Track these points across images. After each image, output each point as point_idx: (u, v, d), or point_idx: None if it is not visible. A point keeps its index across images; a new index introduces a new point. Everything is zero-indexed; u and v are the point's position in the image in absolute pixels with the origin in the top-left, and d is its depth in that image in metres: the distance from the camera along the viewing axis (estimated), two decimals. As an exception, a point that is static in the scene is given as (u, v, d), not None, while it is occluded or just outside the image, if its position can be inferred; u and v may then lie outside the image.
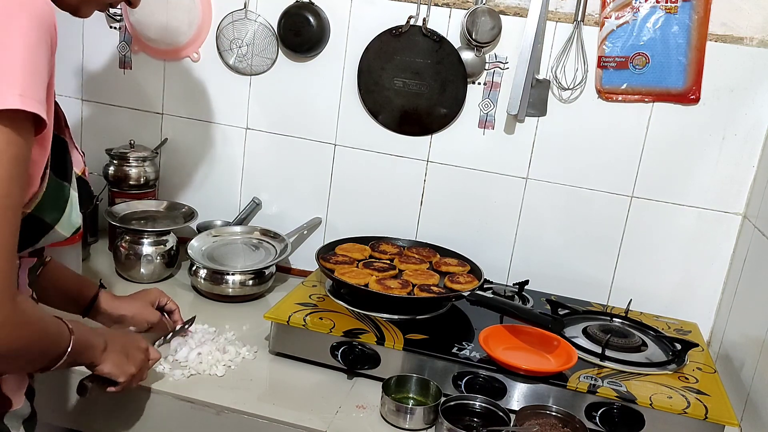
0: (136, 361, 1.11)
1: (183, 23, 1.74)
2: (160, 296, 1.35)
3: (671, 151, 1.58)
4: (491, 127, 1.66)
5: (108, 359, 1.05)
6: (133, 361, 1.10)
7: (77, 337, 0.95)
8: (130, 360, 1.10)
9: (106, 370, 1.05)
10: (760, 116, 1.52)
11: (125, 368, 1.08)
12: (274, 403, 1.22)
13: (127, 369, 1.08)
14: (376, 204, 1.77)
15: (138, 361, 1.11)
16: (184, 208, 1.78)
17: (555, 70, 1.58)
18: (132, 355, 1.10)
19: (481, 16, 1.57)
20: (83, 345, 0.98)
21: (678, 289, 1.64)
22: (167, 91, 1.84)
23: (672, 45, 1.51)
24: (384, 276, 1.48)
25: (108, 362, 1.05)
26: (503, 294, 1.60)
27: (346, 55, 1.70)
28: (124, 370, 1.08)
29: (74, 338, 0.94)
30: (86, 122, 1.91)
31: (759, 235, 1.45)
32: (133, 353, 1.11)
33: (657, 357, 1.38)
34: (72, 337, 0.94)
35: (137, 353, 1.12)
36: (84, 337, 0.98)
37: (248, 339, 1.42)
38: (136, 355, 1.12)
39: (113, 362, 1.06)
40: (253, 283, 1.62)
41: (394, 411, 1.19)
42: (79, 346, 0.96)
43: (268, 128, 1.80)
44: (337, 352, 1.32)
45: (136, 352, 1.12)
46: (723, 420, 1.17)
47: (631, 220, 1.63)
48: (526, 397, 1.24)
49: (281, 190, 1.83)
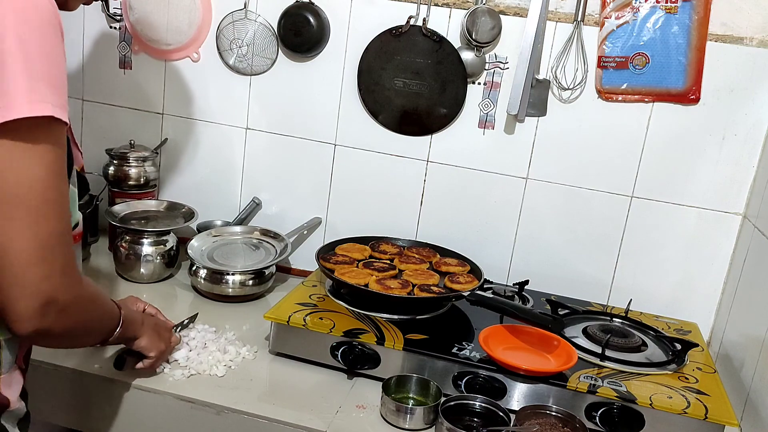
0: (165, 339, 1.24)
1: (183, 23, 1.74)
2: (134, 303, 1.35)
3: (671, 151, 1.58)
4: (491, 127, 1.66)
5: (145, 334, 1.18)
6: (163, 339, 1.23)
7: (125, 313, 1.09)
8: (161, 338, 1.23)
9: (143, 343, 1.18)
10: (760, 116, 1.52)
11: (158, 344, 1.21)
12: (274, 403, 1.22)
13: (158, 345, 1.21)
14: (376, 204, 1.77)
15: (166, 339, 1.25)
16: (184, 208, 1.78)
17: (555, 70, 1.58)
18: (162, 334, 1.24)
19: (481, 16, 1.57)
20: (129, 320, 1.12)
21: (678, 289, 1.64)
22: (167, 91, 1.84)
23: (672, 45, 1.51)
24: (384, 276, 1.48)
25: (145, 336, 1.18)
26: (503, 294, 1.60)
27: (346, 55, 1.70)
28: (156, 346, 1.21)
29: (123, 313, 1.08)
30: (86, 122, 1.91)
31: (759, 235, 1.45)
32: (162, 332, 1.24)
33: (657, 357, 1.38)
34: (122, 312, 1.08)
35: (166, 333, 1.25)
36: (129, 312, 1.12)
37: (248, 339, 1.42)
38: (165, 334, 1.25)
39: (149, 337, 1.19)
40: (253, 283, 1.62)
41: (394, 411, 1.19)
42: (127, 321, 1.10)
43: (268, 128, 1.80)
44: (337, 352, 1.32)
45: (164, 331, 1.25)
46: (723, 420, 1.17)
47: (631, 220, 1.63)
48: (526, 397, 1.24)
49: (281, 190, 1.83)
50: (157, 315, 1.38)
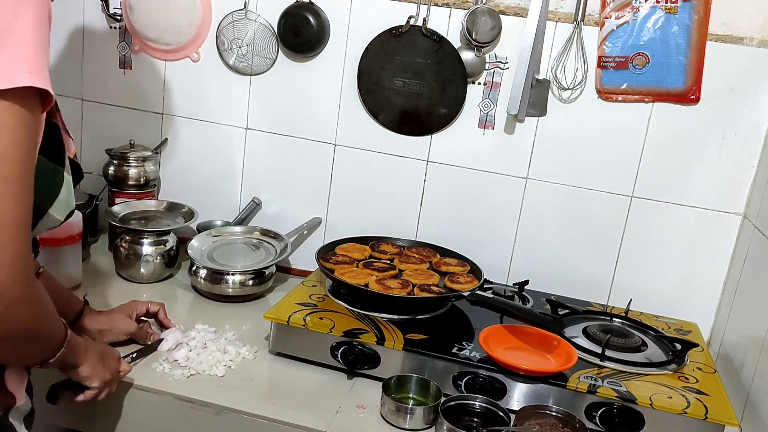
0: (111, 368, 1.11)
1: (183, 23, 1.74)
2: (136, 307, 1.36)
3: (671, 151, 1.58)
4: (491, 127, 1.66)
5: (87, 362, 1.05)
6: (108, 369, 1.10)
7: (71, 333, 0.97)
8: (106, 367, 1.10)
9: (85, 373, 1.05)
10: (760, 116, 1.52)
11: (101, 373, 1.08)
12: (274, 403, 1.22)
13: (102, 374, 1.08)
14: (376, 204, 1.77)
15: (113, 369, 1.12)
16: (184, 208, 1.78)
17: (555, 70, 1.58)
18: (107, 363, 1.11)
19: (481, 16, 1.57)
20: (75, 341, 0.99)
21: (678, 289, 1.64)
22: (167, 91, 1.84)
23: (672, 45, 1.51)
24: (384, 276, 1.48)
25: (87, 365, 1.05)
26: (503, 294, 1.60)
27: (346, 55, 1.70)
28: (99, 375, 1.08)
29: (70, 332, 0.96)
30: (86, 122, 1.91)
31: (759, 235, 1.45)
32: (108, 361, 1.11)
33: (657, 357, 1.38)
34: (68, 330, 0.96)
35: (112, 361, 1.13)
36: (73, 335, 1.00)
37: (248, 339, 1.42)
38: (111, 363, 1.12)
39: (91, 365, 1.06)
40: (253, 283, 1.62)
41: (394, 411, 1.19)
42: (72, 342, 0.98)
43: (268, 128, 1.80)
44: (337, 352, 1.32)
45: (111, 360, 1.13)
46: (723, 420, 1.17)
47: (631, 220, 1.63)
48: (526, 397, 1.24)
49: (281, 190, 1.83)
50: (159, 312, 1.39)
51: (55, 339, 0.94)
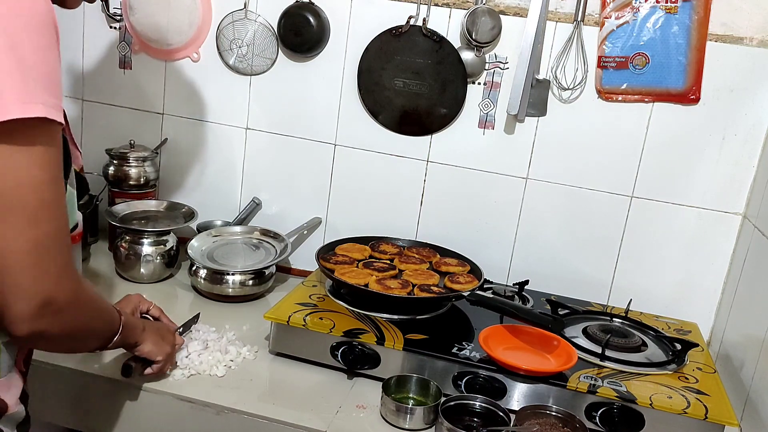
0: (170, 341, 1.22)
1: (183, 23, 1.74)
2: (140, 302, 1.34)
3: (671, 151, 1.58)
4: (491, 127, 1.66)
5: (148, 339, 1.16)
6: (167, 342, 1.21)
7: (126, 319, 1.08)
8: (165, 340, 1.21)
9: (147, 349, 1.16)
10: (760, 116, 1.52)
11: (163, 348, 1.19)
12: (274, 403, 1.22)
13: (164, 348, 1.19)
14: (376, 204, 1.77)
15: (171, 342, 1.23)
16: (184, 208, 1.78)
17: (555, 70, 1.58)
18: (165, 337, 1.21)
19: (481, 16, 1.57)
20: (130, 325, 1.10)
21: (678, 289, 1.64)
22: (167, 91, 1.84)
23: (672, 45, 1.51)
24: (384, 276, 1.48)
25: (148, 342, 1.16)
26: (503, 294, 1.60)
27: (346, 55, 1.70)
28: (162, 349, 1.19)
29: (123, 318, 1.07)
30: (86, 122, 1.91)
31: (759, 235, 1.45)
32: (165, 335, 1.22)
33: (657, 357, 1.38)
34: (122, 317, 1.06)
35: (169, 335, 1.23)
36: (129, 318, 1.11)
37: (248, 339, 1.42)
38: (169, 336, 1.23)
39: (153, 342, 1.17)
40: (253, 283, 1.62)
41: (394, 411, 1.19)
42: (127, 326, 1.08)
43: (268, 128, 1.80)
44: (337, 352, 1.32)
45: (168, 334, 1.23)
46: (723, 420, 1.17)
47: (631, 220, 1.63)
48: (526, 397, 1.24)
49: (281, 190, 1.83)
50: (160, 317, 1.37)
51: (111, 328, 1.04)
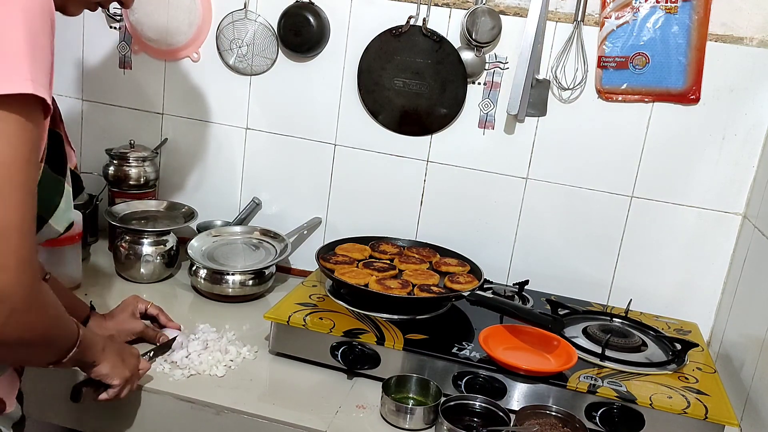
0: (130, 365, 1.11)
1: (183, 23, 1.74)
2: (137, 303, 1.34)
3: (671, 151, 1.58)
4: (491, 127, 1.66)
5: (106, 360, 1.05)
6: (127, 366, 1.10)
7: (84, 333, 0.97)
8: (126, 364, 1.10)
9: (104, 371, 1.05)
10: (760, 116, 1.52)
11: (121, 371, 1.08)
12: (274, 403, 1.22)
13: (122, 372, 1.08)
14: (376, 204, 1.77)
15: (132, 366, 1.11)
16: (184, 208, 1.78)
17: (555, 70, 1.58)
18: (127, 360, 1.11)
19: (481, 16, 1.57)
20: (88, 341, 0.99)
21: (678, 289, 1.64)
22: (167, 91, 1.84)
23: (672, 45, 1.51)
24: (384, 276, 1.48)
25: (106, 363, 1.05)
26: (503, 294, 1.60)
27: (346, 55, 1.70)
28: (119, 373, 1.07)
29: (82, 332, 0.96)
30: (86, 122, 1.91)
31: (759, 235, 1.45)
32: (127, 358, 1.11)
33: (657, 357, 1.38)
34: (80, 331, 0.96)
35: (131, 358, 1.13)
36: (89, 333, 1.00)
37: (248, 339, 1.42)
38: (131, 360, 1.12)
39: (111, 363, 1.06)
40: (253, 283, 1.62)
41: (394, 411, 1.19)
42: (86, 342, 0.97)
43: (268, 128, 1.80)
44: (337, 352, 1.32)
45: (130, 357, 1.12)
46: (723, 420, 1.17)
47: (631, 220, 1.63)
48: (526, 397, 1.24)
49: (281, 190, 1.83)
50: (158, 316, 1.38)
51: (68, 340, 0.94)
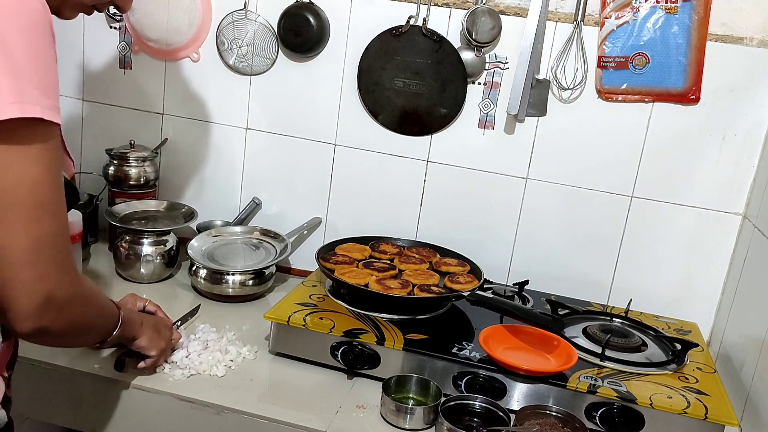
0: (165, 337, 1.24)
1: (183, 23, 1.74)
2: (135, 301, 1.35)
3: (671, 151, 1.58)
4: (491, 127, 1.66)
5: (144, 334, 1.18)
6: (163, 337, 1.23)
7: (124, 313, 1.11)
8: (161, 336, 1.23)
9: (143, 344, 1.18)
10: (760, 116, 1.52)
11: (157, 343, 1.21)
12: (274, 403, 1.22)
13: (158, 343, 1.21)
14: (376, 204, 1.77)
15: (166, 337, 1.25)
16: (184, 208, 1.78)
17: (555, 70, 1.58)
18: (162, 332, 1.24)
19: (481, 16, 1.57)
20: (128, 320, 1.13)
21: (678, 289, 1.64)
22: (167, 91, 1.84)
23: (672, 45, 1.51)
24: (384, 276, 1.48)
25: (144, 336, 1.18)
26: (503, 294, 1.60)
27: (346, 55, 1.70)
28: (156, 345, 1.21)
29: (122, 314, 1.10)
30: (86, 122, 1.91)
31: (759, 235, 1.45)
32: (162, 330, 1.24)
33: (657, 357, 1.38)
34: (121, 312, 1.10)
35: (165, 330, 1.25)
36: (128, 313, 1.14)
37: (248, 339, 1.42)
38: (165, 332, 1.25)
39: (148, 337, 1.19)
40: (253, 283, 1.62)
41: (394, 411, 1.19)
42: (126, 321, 1.11)
43: (268, 128, 1.80)
44: (337, 352, 1.32)
45: (164, 329, 1.25)
46: (723, 420, 1.17)
47: (631, 220, 1.63)
48: (526, 397, 1.24)
49: (281, 190, 1.83)
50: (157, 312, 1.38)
51: (111, 322, 1.08)
